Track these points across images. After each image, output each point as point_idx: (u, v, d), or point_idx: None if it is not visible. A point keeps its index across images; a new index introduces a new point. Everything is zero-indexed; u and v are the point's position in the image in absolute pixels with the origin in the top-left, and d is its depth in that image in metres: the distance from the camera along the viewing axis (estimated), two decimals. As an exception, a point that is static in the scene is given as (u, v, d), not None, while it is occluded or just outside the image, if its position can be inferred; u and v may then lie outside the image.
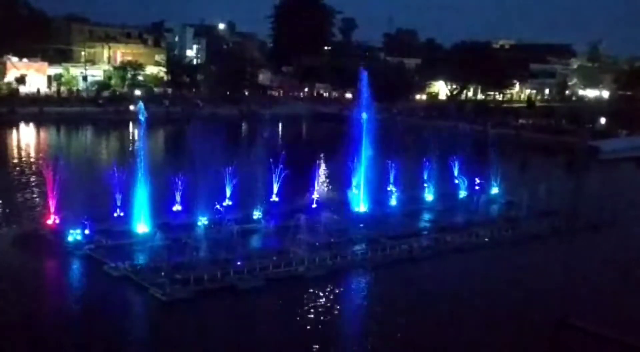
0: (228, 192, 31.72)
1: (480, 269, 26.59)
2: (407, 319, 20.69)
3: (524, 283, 24.55)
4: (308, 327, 20.05)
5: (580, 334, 19.70)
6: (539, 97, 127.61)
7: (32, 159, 48.54)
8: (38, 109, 72.86)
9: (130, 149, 28.58)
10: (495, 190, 38.23)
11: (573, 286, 24.02)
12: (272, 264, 23.83)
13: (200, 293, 21.35)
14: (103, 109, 77.92)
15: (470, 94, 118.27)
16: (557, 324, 20.07)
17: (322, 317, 20.67)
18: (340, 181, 34.75)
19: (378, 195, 34.00)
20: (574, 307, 21.27)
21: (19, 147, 57.12)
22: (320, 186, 34.72)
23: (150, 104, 76.64)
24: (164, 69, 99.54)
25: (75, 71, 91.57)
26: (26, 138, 64.49)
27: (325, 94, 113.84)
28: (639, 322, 21.09)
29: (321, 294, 22.77)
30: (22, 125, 68.50)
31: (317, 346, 18.79)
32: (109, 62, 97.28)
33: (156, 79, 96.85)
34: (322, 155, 36.13)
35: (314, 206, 32.16)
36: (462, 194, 37.62)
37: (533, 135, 72.34)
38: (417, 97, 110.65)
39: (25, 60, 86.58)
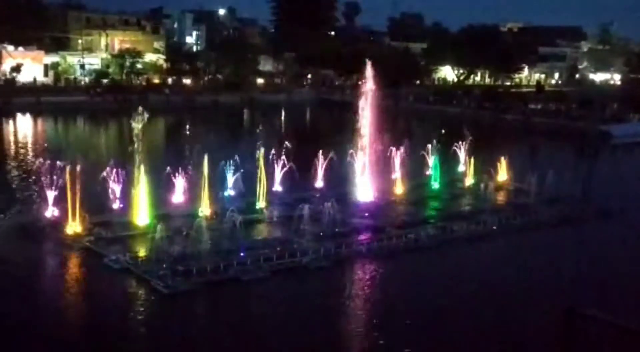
0: (230, 182, 31.12)
1: (488, 258, 26.05)
2: (413, 309, 20.24)
3: (532, 272, 24.01)
4: (312, 318, 19.60)
5: (589, 322, 19.40)
6: (548, 81, 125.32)
7: (29, 151, 47.90)
8: (35, 99, 71.78)
9: (130, 139, 28.05)
10: (503, 177, 37.45)
11: (582, 274, 23.59)
12: (276, 255, 23.36)
13: (203, 285, 20.90)
14: (101, 98, 76.89)
15: (477, 78, 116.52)
16: (565, 313, 19.79)
17: (326, 308, 20.18)
18: (344, 169, 34.05)
19: (383, 183, 33.32)
20: (583, 295, 20.97)
21: (16, 139, 56.34)
22: (324, 175, 34.15)
23: (150, 93, 76.45)
24: (163, 57, 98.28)
25: (73, 60, 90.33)
26: (23, 129, 63.70)
27: (329, 81, 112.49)
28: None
29: (326, 285, 22.27)
30: (19, 115, 67.62)
31: (323, 339, 18.29)
32: (106, 50, 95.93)
33: (155, 67, 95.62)
34: (325, 143, 35.44)
35: (318, 195, 31.50)
36: (470, 181, 36.86)
37: (543, 121, 71.13)
38: (424, 82, 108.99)
39: (21, 48, 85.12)
